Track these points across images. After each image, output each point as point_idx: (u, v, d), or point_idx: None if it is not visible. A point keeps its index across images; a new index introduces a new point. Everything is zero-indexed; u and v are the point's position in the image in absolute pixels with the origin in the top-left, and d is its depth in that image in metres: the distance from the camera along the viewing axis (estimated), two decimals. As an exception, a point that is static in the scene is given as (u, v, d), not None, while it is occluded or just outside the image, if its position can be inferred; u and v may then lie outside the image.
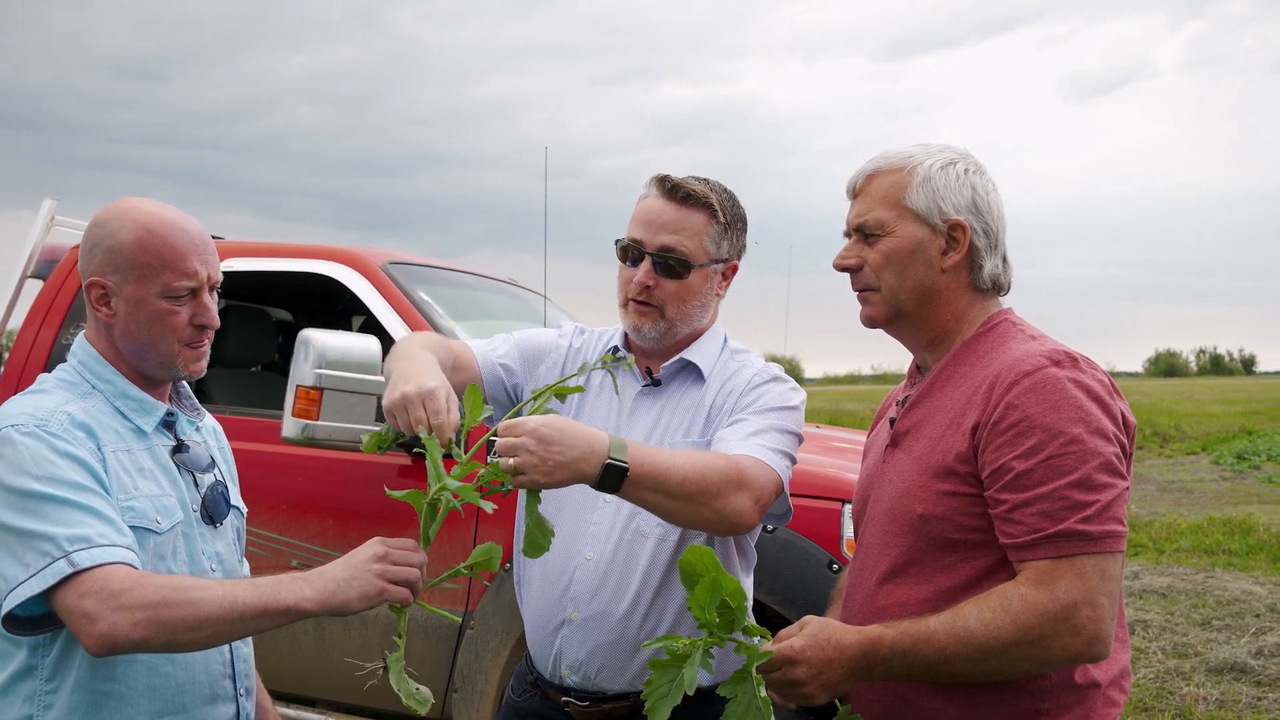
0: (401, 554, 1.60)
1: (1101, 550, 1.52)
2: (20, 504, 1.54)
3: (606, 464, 1.68)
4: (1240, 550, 8.92)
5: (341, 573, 1.57)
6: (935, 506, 1.64)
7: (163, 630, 1.50)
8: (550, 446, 1.63)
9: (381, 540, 1.61)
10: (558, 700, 2.06)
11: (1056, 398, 1.56)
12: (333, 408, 3.15)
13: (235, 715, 1.81)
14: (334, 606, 1.55)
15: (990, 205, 1.74)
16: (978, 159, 1.78)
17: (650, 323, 2.06)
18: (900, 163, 1.74)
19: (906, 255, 1.72)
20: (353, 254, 3.93)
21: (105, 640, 1.49)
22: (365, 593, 1.56)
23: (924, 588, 1.66)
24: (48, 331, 4.08)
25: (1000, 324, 1.74)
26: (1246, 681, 5.30)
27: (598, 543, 2.02)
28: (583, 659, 2.01)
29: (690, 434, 2.06)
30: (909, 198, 1.72)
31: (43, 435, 1.59)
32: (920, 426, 1.74)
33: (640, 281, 2.04)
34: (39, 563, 1.51)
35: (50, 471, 1.56)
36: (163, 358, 1.74)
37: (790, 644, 1.56)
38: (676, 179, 2.05)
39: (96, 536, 1.54)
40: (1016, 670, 1.55)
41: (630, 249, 2.06)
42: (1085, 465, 1.53)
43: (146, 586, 1.51)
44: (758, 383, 2.07)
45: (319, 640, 3.59)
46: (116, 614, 1.48)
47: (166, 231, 1.71)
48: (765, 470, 1.88)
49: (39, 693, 1.60)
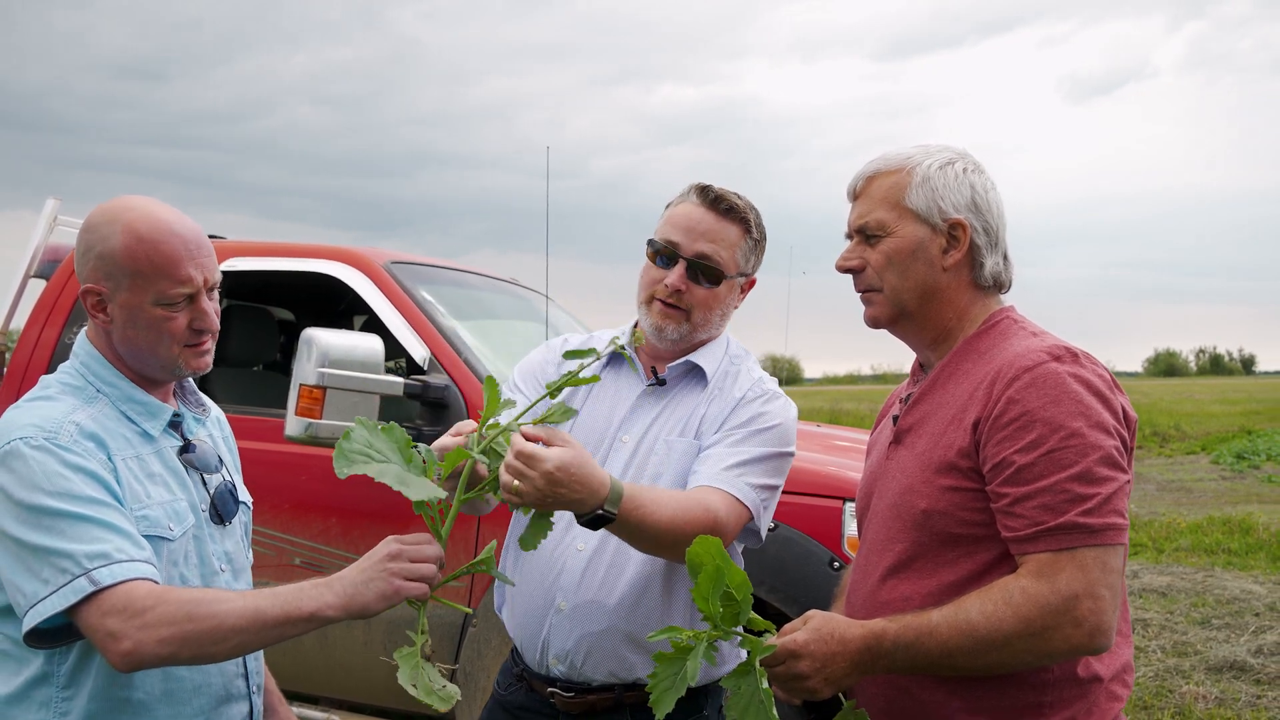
0: (416, 550, 1.60)
1: (1102, 543, 1.53)
2: (35, 520, 1.52)
3: (596, 515, 1.75)
4: (1240, 549, 8.94)
5: (359, 575, 1.57)
6: (938, 502, 1.66)
7: (188, 645, 1.50)
8: (556, 488, 1.68)
9: (396, 538, 1.61)
10: (543, 692, 2.08)
11: (1057, 392, 1.57)
12: (336, 406, 3.16)
13: (249, 713, 1.82)
14: (355, 610, 1.56)
15: (989, 203, 1.76)
16: (976, 158, 1.80)
17: (674, 325, 2.10)
18: (899, 164, 1.76)
19: (908, 255, 1.74)
20: (355, 254, 3.94)
21: (132, 658, 1.49)
22: (383, 593, 1.56)
23: (927, 582, 1.67)
24: (51, 331, 4.09)
25: (1002, 321, 1.76)
26: (1246, 680, 5.31)
27: (589, 534, 2.03)
28: (570, 648, 2.03)
29: (686, 434, 2.10)
30: (909, 198, 1.74)
31: (52, 449, 1.56)
32: (923, 423, 1.75)
33: (673, 285, 2.08)
34: (58, 580, 1.49)
35: (63, 486, 1.54)
36: (163, 361, 1.71)
37: (794, 638, 1.57)
38: (719, 190, 2.11)
39: (115, 552, 1.52)
40: (1018, 662, 1.56)
41: (664, 251, 2.10)
42: (1086, 459, 1.54)
43: (170, 603, 1.51)
44: (751, 397, 2.11)
45: (322, 638, 3.59)
46: (141, 632, 1.48)
47: (158, 237, 1.64)
48: (737, 510, 1.96)
49: (55, 699, 1.60)
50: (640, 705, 2.04)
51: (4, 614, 1.61)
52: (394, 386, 3.30)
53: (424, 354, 3.61)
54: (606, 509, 1.74)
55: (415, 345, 3.64)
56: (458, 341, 3.67)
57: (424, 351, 3.61)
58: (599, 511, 1.74)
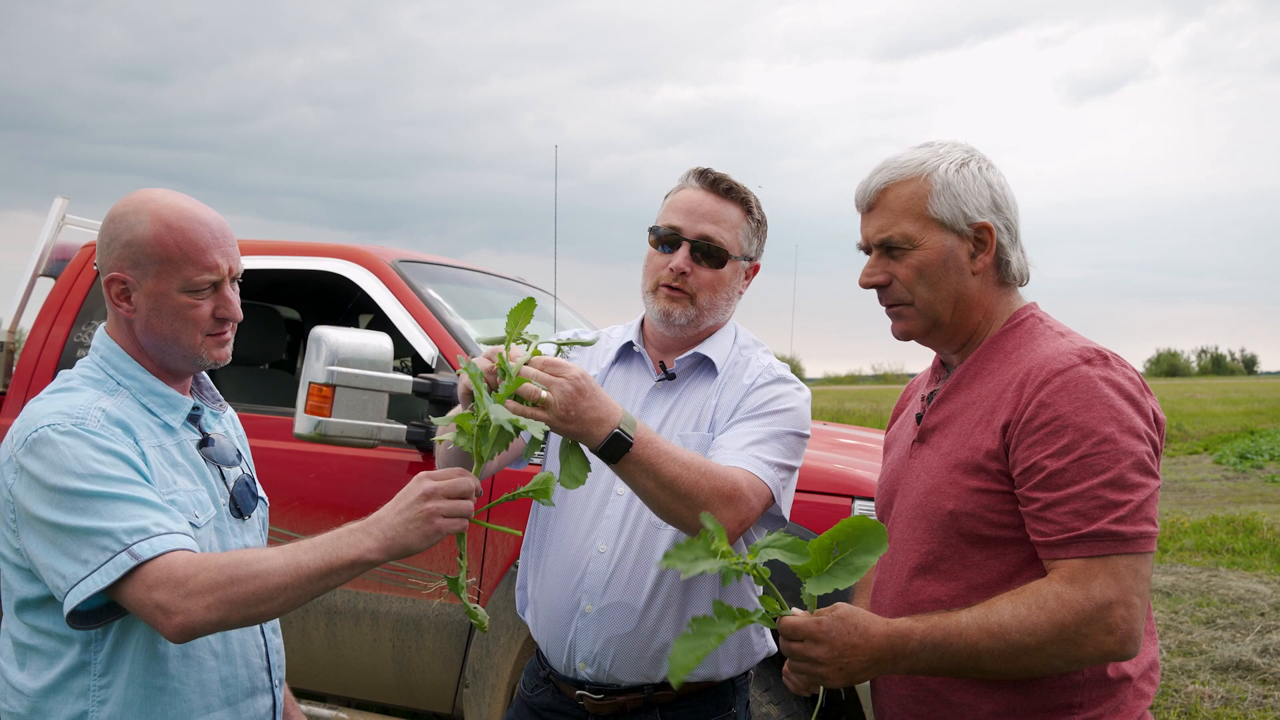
0: (450, 486, 1.57)
1: (1135, 550, 1.52)
2: (69, 503, 1.53)
3: (614, 433, 1.72)
4: (1244, 549, 8.93)
5: (396, 517, 1.55)
6: (965, 503, 1.64)
7: (236, 607, 1.50)
8: (582, 397, 1.68)
9: (429, 474, 1.58)
10: (571, 694, 2.07)
11: (1089, 396, 1.55)
12: (345, 404, 3.16)
13: (272, 706, 1.83)
14: (397, 551, 1.54)
15: (1008, 200, 1.74)
16: (984, 153, 1.76)
17: (680, 308, 2.08)
18: (914, 171, 1.71)
19: (938, 266, 1.70)
20: (363, 252, 3.94)
21: (184, 628, 1.49)
22: (426, 534, 1.54)
23: (955, 584, 1.66)
24: (59, 329, 4.09)
25: (1027, 319, 1.73)
26: (1252, 679, 5.31)
27: (610, 536, 2.03)
28: (597, 651, 2.02)
29: (700, 427, 2.07)
30: (932, 207, 1.69)
31: (81, 433, 1.57)
32: (948, 423, 1.73)
33: (677, 267, 2.06)
34: (99, 558, 1.50)
35: (94, 469, 1.55)
36: (186, 350, 1.72)
37: (818, 620, 1.54)
38: (717, 173, 2.11)
39: (154, 526, 1.53)
40: (1047, 668, 1.55)
41: (667, 237, 2.09)
42: (1118, 465, 1.52)
43: (210, 568, 1.51)
44: (762, 383, 2.08)
45: (330, 636, 3.61)
46: (188, 600, 1.48)
47: (186, 225, 1.68)
48: (758, 487, 1.91)
49: (93, 688, 1.61)
50: (670, 704, 2.05)
51: (32, 606, 1.62)
52: (403, 385, 3.30)
53: (432, 352, 3.62)
54: (623, 428, 1.73)
55: (423, 343, 3.64)
56: (466, 340, 3.67)
57: (432, 350, 3.62)
58: (617, 430, 1.72)
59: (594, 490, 2.08)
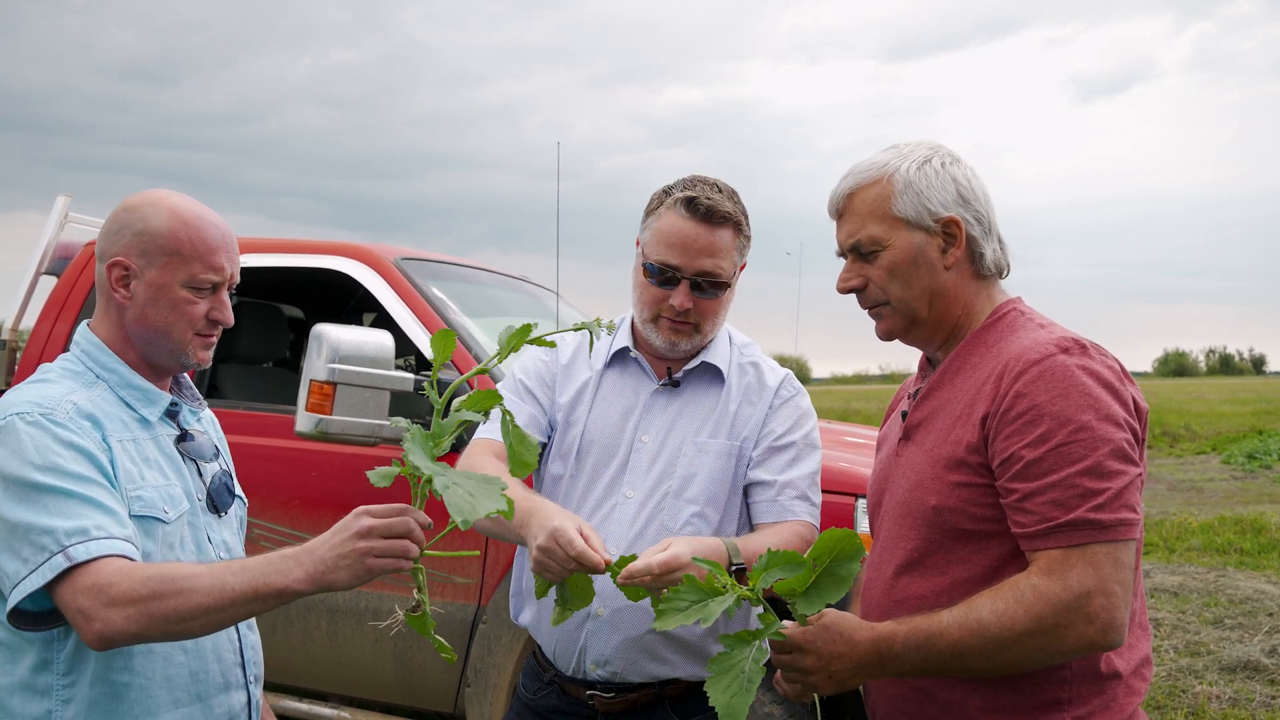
0: (387, 524, 1.49)
1: (1114, 538, 1.51)
2: (21, 495, 1.52)
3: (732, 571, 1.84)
4: (1252, 549, 8.88)
5: (329, 552, 1.49)
6: (948, 498, 1.64)
7: (155, 622, 1.47)
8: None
9: (367, 511, 1.51)
10: (580, 695, 2.07)
11: (1065, 385, 1.55)
12: (346, 402, 3.15)
13: (246, 702, 1.81)
14: (324, 586, 1.49)
15: (975, 192, 1.73)
16: (951, 148, 1.76)
17: (686, 339, 2.11)
18: (877, 173, 1.73)
19: (908, 264, 1.71)
20: (366, 250, 3.93)
21: (102, 637, 1.47)
22: (355, 574, 1.48)
23: (940, 579, 1.65)
24: (62, 326, 4.09)
25: (1009, 313, 1.74)
26: (1260, 680, 5.27)
27: (618, 538, 2.02)
28: (609, 653, 2.02)
29: (717, 435, 2.10)
30: (896, 207, 1.71)
31: (47, 424, 1.57)
32: (931, 419, 1.73)
33: (680, 305, 2.06)
34: (37, 558, 1.49)
35: (52, 461, 1.54)
36: (174, 345, 1.74)
37: (804, 630, 1.56)
38: (705, 202, 2.05)
39: (94, 529, 1.51)
40: (1032, 661, 1.54)
41: (664, 272, 2.07)
42: (1095, 452, 1.52)
43: (134, 579, 1.47)
44: (786, 396, 2.16)
45: (331, 636, 3.60)
46: (109, 610, 1.45)
47: (200, 224, 1.74)
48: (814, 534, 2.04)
49: (56, 687, 1.59)
50: (680, 699, 2.05)
51: None
52: (404, 383, 3.29)
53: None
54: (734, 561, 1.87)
55: (426, 341, 3.63)
56: (469, 338, 3.66)
57: (434, 348, 3.61)
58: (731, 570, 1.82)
59: (601, 493, 2.08)
